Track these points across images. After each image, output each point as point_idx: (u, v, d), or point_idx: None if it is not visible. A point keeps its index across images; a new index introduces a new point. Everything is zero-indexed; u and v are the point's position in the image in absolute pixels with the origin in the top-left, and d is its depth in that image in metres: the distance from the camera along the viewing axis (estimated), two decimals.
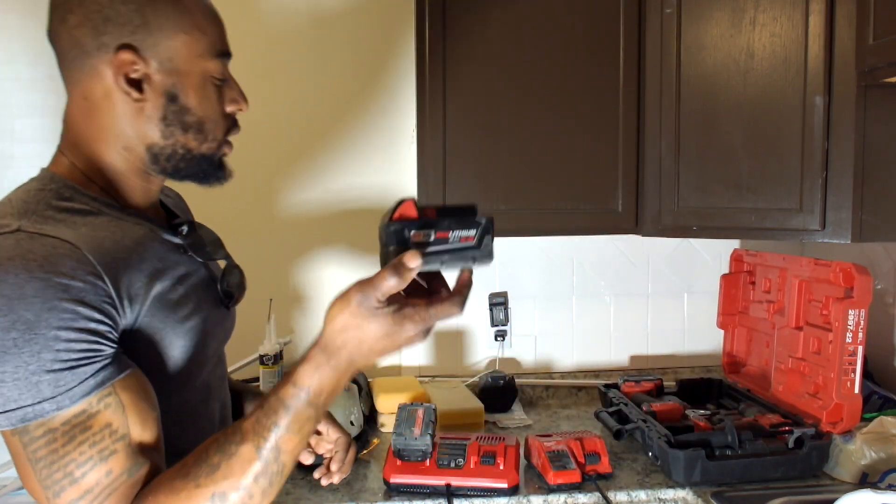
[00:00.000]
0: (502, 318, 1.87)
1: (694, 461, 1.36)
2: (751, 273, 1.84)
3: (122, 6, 0.78)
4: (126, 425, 0.72)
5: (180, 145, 0.84)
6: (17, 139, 1.85)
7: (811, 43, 1.46)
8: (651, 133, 1.65)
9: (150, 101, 0.81)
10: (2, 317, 0.67)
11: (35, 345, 0.67)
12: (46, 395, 0.68)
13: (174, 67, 0.81)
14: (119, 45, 0.78)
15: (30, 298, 0.67)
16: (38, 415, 0.68)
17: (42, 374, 0.68)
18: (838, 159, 1.44)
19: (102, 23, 0.78)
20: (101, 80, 0.80)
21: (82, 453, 0.69)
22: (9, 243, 0.70)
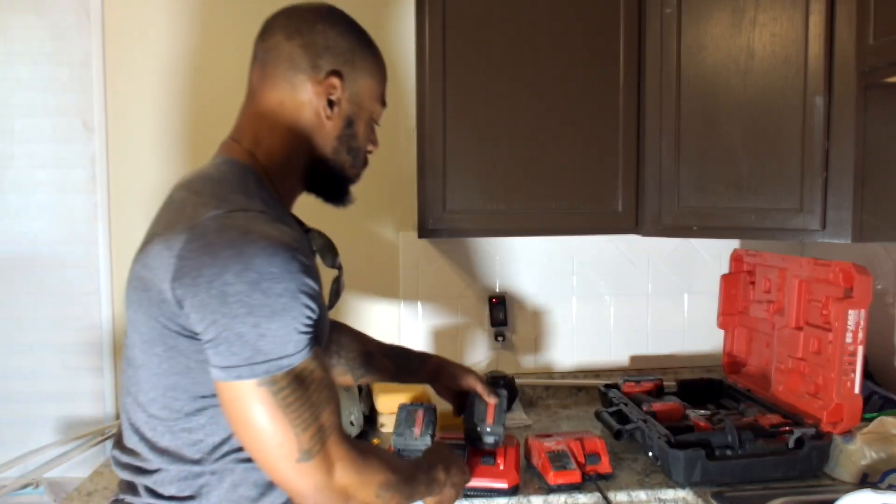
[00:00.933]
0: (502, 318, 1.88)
1: (694, 461, 1.36)
2: (751, 273, 1.84)
3: (341, 41, 0.99)
4: (329, 377, 0.89)
5: (339, 163, 1.03)
6: (17, 139, 1.86)
7: (811, 43, 1.46)
8: (651, 133, 1.65)
9: (333, 121, 1.00)
10: (276, 283, 0.81)
11: (294, 310, 0.83)
12: (289, 351, 0.83)
13: (358, 101, 1.02)
14: (331, 70, 0.98)
15: (294, 273, 0.83)
16: (279, 368, 0.82)
17: (293, 334, 0.83)
18: (838, 159, 1.44)
19: (323, 49, 0.98)
20: (302, 93, 0.98)
21: (317, 397, 0.86)
22: (263, 222, 0.85)
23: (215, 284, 0.80)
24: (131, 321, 0.92)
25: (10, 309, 1.87)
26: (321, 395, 0.86)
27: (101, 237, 1.88)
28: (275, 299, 0.81)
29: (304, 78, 0.97)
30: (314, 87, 0.97)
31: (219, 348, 0.82)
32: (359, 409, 1.62)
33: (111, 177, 1.88)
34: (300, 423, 0.84)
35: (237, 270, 0.80)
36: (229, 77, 1.89)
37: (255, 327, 0.81)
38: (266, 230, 0.84)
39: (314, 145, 1.00)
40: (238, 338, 0.81)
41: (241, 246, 0.81)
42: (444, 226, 1.65)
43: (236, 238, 0.82)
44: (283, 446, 0.83)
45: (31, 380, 1.88)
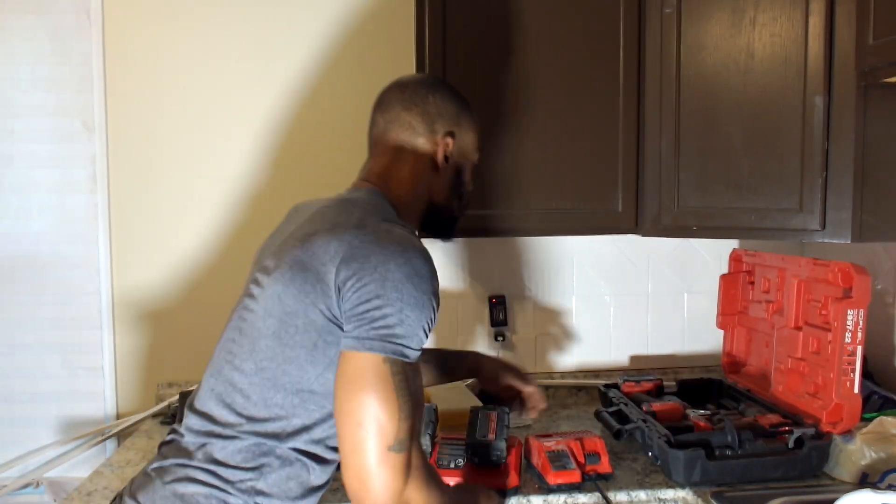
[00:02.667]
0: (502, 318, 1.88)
1: (694, 461, 1.36)
2: (750, 273, 1.84)
3: (450, 107, 1.21)
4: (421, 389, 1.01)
5: (450, 206, 1.24)
6: (17, 139, 1.86)
7: (811, 43, 1.46)
8: (651, 133, 1.65)
9: (447, 173, 1.21)
10: (425, 282, 0.97)
11: (427, 309, 0.97)
12: (414, 345, 0.96)
13: (464, 153, 1.24)
14: (448, 132, 1.20)
15: (433, 279, 1.00)
16: (404, 354, 0.95)
17: (420, 330, 0.97)
18: (838, 159, 1.44)
19: (436, 116, 1.19)
20: (421, 148, 1.19)
21: (417, 397, 0.96)
22: (415, 237, 1.04)
23: (379, 269, 0.95)
24: (277, 294, 1.01)
25: (10, 309, 1.88)
26: (417, 398, 0.96)
27: (101, 237, 1.89)
28: (420, 294, 0.95)
29: (424, 141, 1.18)
30: (433, 146, 1.18)
31: (362, 320, 0.94)
32: None
33: (111, 177, 1.88)
34: (406, 409, 0.93)
35: (399, 262, 0.96)
36: (229, 77, 1.89)
37: (400, 312, 0.94)
38: (419, 244, 1.02)
39: (432, 193, 1.20)
40: (384, 317, 0.93)
41: (403, 245, 0.98)
42: None
43: (400, 240, 0.99)
44: (386, 426, 0.91)
45: (31, 380, 1.88)
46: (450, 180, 1.21)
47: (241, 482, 0.99)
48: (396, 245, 0.98)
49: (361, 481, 0.91)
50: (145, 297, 1.90)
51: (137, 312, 1.91)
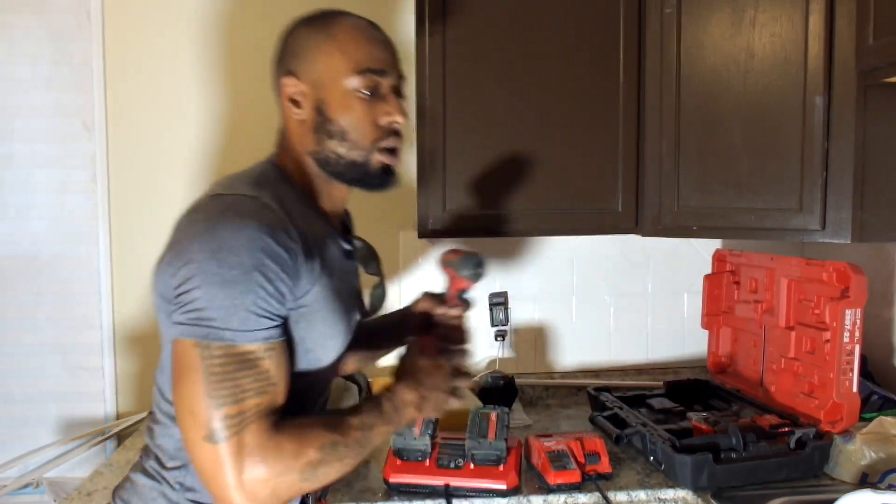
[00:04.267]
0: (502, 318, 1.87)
1: (701, 466, 1.35)
2: (734, 273, 1.84)
3: (295, 40, 1.02)
4: (277, 378, 0.88)
5: (330, 151, 1.01)
6: (17, 139, 1.86)
7: (811, 43, 1.46)
8: (651, 133, 1.65)
9: (306, 115, 1.01)
10: (233, 255, 0.85)
11: (245, 285, 0.85)
12: (233, 326, 0.85)
13: (321, 85, 1.00)
14: (284, 72, 1.02)
15: (256, 251, 0.86)
16: (219, 338, 0.84)
17: (240, 309, 0.85)
18: (838, 159, 1.44)
19: (281, 56, 1.03)
20: (280, 100, 1.04)
21: (248, 382, 0.85)
22: (250, 205, 0.90)
23: (185, 250, 0.87)
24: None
25: (11, 309, 1.88)
26: (254, 384, 0.85)
27: (101, 237, 1.89)
28: (226, 270, 0.84)
29: (277, 87, 1.04)
30: (281, 92, 1.03)
31: (177, 305, 0.87)
32: None
33: (111, 177, 1.88)
34: (218, 398, 0.83)
35: (204, 239, 0.86)
36: (229, 76, 1.89)
37: (206, 292, 0.84)
38: (246, 209, 0.88)
39: (305, 142, 1.02)
40: (192, 300, 0.85)
41: (214, 220, 0.87)
42: (444, 226, 1.65)
43: (213, 214, 0.88)
44: (195, 417, 0.84)
45: (31, 380, 1.88)
46: (313, 123, 1.01)
47: (174, 478, 0.97)
48: (206, 221, 0.88)
49: (201, 477, 0.86)
50: (145, 296, 1.90)
51: (137, 313, 1.91)
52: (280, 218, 0.90)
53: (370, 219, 1.94)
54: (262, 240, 0.86)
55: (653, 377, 2.03)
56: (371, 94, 1.01)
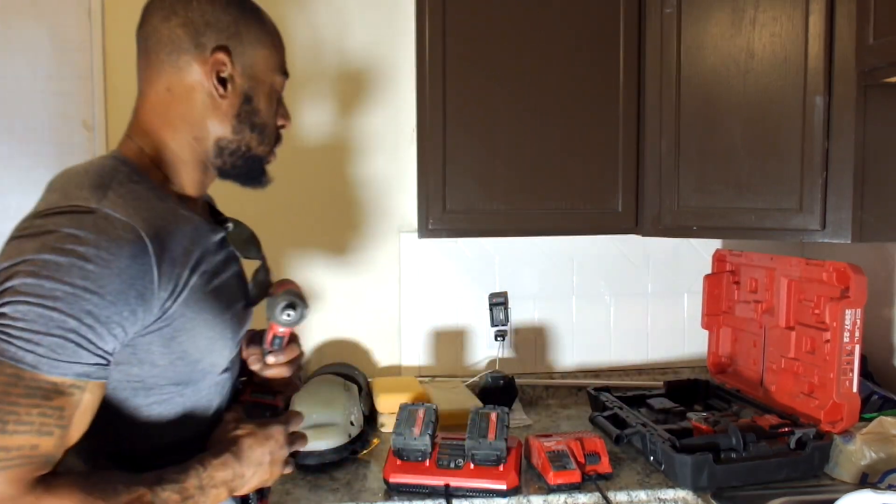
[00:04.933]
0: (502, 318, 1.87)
1: (702, 466, 1.35)
2: (734, 273, 1.84)
3: (222, 15, 0.91)
4: (71, 420, 0.76)
5: (245, 143, 0.95)
6: (17, 139, 1.85)
7: (811, 43, 1.46)
8: (651, 133, 1.65)
9: (229, 100, 0.93)
10: (61, 276, 0.74)
11: (70, 309, 0.74)
12: (39, 351, 0.73)
13: (253, 74, 0.94)
14: (216, 47, 0.90)
15: (88, 273, 0.75)
16: (14, 359, 0.73)
17: (52, 331, 0.74)
18: (838, 159, 1.44)
19: (204, 26, 0.90)
20: (190, 74, 0.91)
21: (28, 415, 0.73)
22: (88, 220, 0.78)
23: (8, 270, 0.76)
24: None
25: None
26: (40, 420, 0.73)
27: None
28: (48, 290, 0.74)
29: (189, 59, 0.90)
30: (201, 66, 0.90)
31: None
32: (359, 409, 1.62)
33: None
34: None
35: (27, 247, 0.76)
36: None
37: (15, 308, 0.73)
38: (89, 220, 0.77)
39: (213, 128, 0.93)
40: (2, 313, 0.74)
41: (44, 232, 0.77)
42: (444, 226, 1.65)
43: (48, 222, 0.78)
44: None
45: None
46: (236, 108, 0.93)
47: None
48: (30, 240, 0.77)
49: None
50: None
51: None
52: (124, 224, 0.79)
53: (370, 219, 1.95)
54: (100, 259, 0.76)
55: (653, 377, 2.03)
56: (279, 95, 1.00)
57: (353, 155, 1.93)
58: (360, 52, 1.91)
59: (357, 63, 1.91)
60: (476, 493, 1.36)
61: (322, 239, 1.94)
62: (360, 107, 1.92)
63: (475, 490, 1.36)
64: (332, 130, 1.92)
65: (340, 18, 1.90)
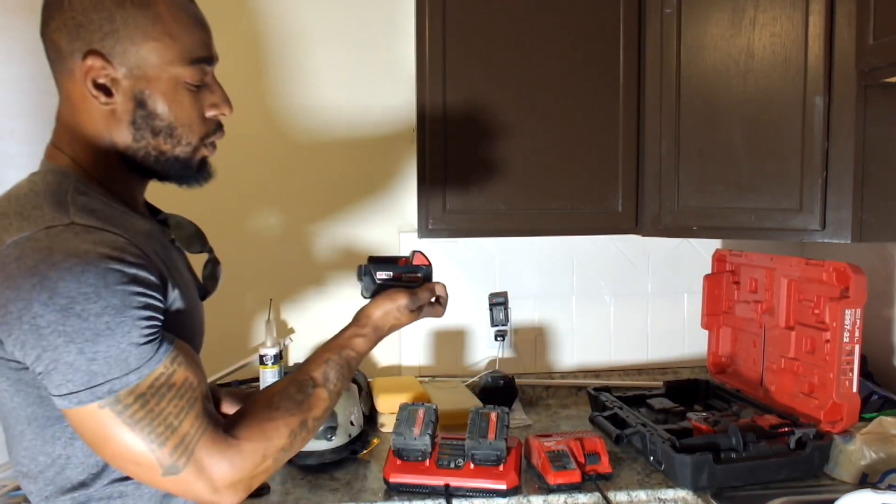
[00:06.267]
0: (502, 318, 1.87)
1: (702, 466, 1.35)
2: (734, 273, 1.84)
3: (94, 14, 0.81)
4: (196, 377, 0.83)
5: (152, 147, 0.88)
6: (16, 139, 1.85)
7: (811, 43, 1.46)
8: (651, 133, 1.65)
9: (119, 106, 0.85)
10: (93, 303, 0.73)
11: (124, 325, 0.75)
12: (133, 366, 0.76)
13: (143, 74, 0.84)
14: (87, 51, 0.82)
15: (113, 286, 0.75)
16: (124, 385, 0.76)
17: (132, 349, 0.76)
18: (838, 159, 1.44)
19: (76, 29, 0.82)
20: (76, 83, 0.84)
21: (175, 405, 0.79)
22: (71, 236, 0.76)
23: (25, 319, 0.73)
24: None
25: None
26: (181, 402, 0.79)
27: None
28: (94, 321, 0.73)
29: (71, 66, 0.83)
30: (80, 74, 0.82)
31: (52, 379, 0.75)
32: (359, 409, 1.62)
33: None
34: (155, 438, 0.77)
35: (43, 300, 0.72)
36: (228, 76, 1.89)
37: (81, 353, 0.74)
38: (73, 246, 0.74)
39: (115, 137, 0.86)
40: (68, 367, 0.74)
41: (43, 272, 0.73)
42: (444, 226, 1.65)
43: (38, 263, 0.73)
44: (143, 465, 0.78)
45: None
46: (130, 115, 0.85)
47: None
48: (33, 276, 0.73)
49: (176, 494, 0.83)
50: None
51: None
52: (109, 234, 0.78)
53: (370, 219, 1.95)
54: (111, 270, 0.75)
55: (653, 377, 2.03)
56: (198, 85, 0.89)
57: (354, 155, 1.93)
58: (361, 51, 1.91)
59: (357, 63, 1.91)
60: (476, 493, 1.36)
61: (322, 239, 1.94)
62: (360, 106, 1.92)
63: (475, 490, 1.36)
64: (332, 130, 1.91)
65: (341, 18, 1.90)
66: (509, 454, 1.39)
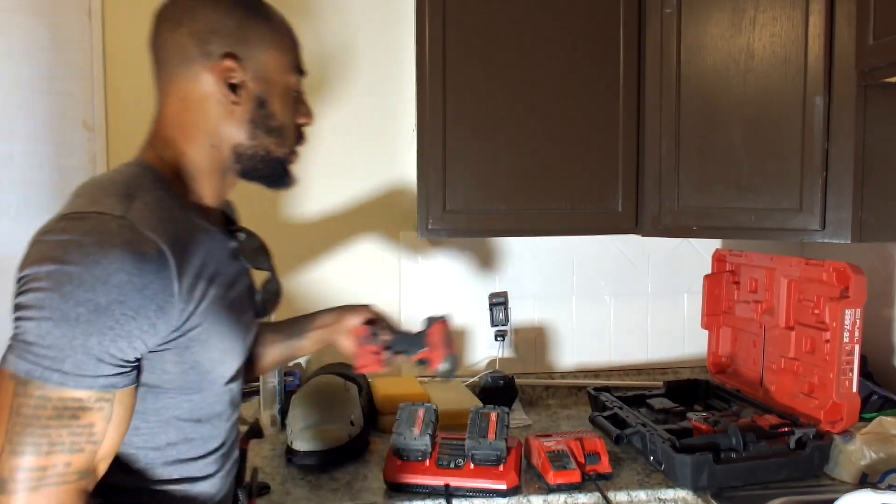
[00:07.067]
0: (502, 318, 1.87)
1: (702, 466, 1.35)
2: (734, 273, 1.84)
3: (227, 21, 0.91)
4: (103, 435, 0.77)
5: (262, 147, 0.95)
6: (16, 139, 1.85)
7: (811, 43, 1.46)
8: (651, 133, 1.65)
9: (242, 105, 0.92)
10: (83, 291, 0.73)
11: (91, 327, 0.74)
12: (65, 368, 0.73)
13: (265, 77, 0.94)
14: (224, 54, 0.90)
15: (111, 287, 0.74)
16: (41, 377, 0.73)
17: (77, 351, 0.74)
18: (838, 159, 1.44)
19: (209, 34, 0.90)
20: (201, 83, 0.91)
21: (59, 435, 0.74)
22: (113, 228, 0.77)
23: (28, 276, 0.75)
24: None
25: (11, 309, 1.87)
26: (71, 439, 0.74)
27: None
28: (71, 306, 0.73)
29: (199, 69, 0.91)
30: (211, 75, 0.91)
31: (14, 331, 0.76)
32: (359, 408, 1.62)
33: None
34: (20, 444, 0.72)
35: (49, 268, 0.74)
36: None
37: (39, 325, 0.73)
38: (107, 238, 0.76)
39: (230, 133, 0.93)
40: (25, 330, 0.74)
41: (68, 245, 0.75)
42: (444, 226, 1.65)
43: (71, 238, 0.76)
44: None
45: None
46: (249, 114, 0.93)
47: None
48: (55, 245, 0.76)
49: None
50: None
51: None
52: (148, 238, 0.78)
53: (370, 219, 1.95)
54: (124, 272, 0.75)
55: (653, 377, 2.03)
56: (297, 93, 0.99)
57: (354, 155, 1.93)
58: (361, 51, 1.91)
59: (357, 63, 1.91)
60: (476, 493, 1.36)
61: (322, 238, 1.94)
62: (361, 106, 1.92)
63: (475, 490, 1.36)
64: (332, 130, 1.91)
65: (341, 18, 1.90)
66: (509, 454, 1.39)
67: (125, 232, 0.77)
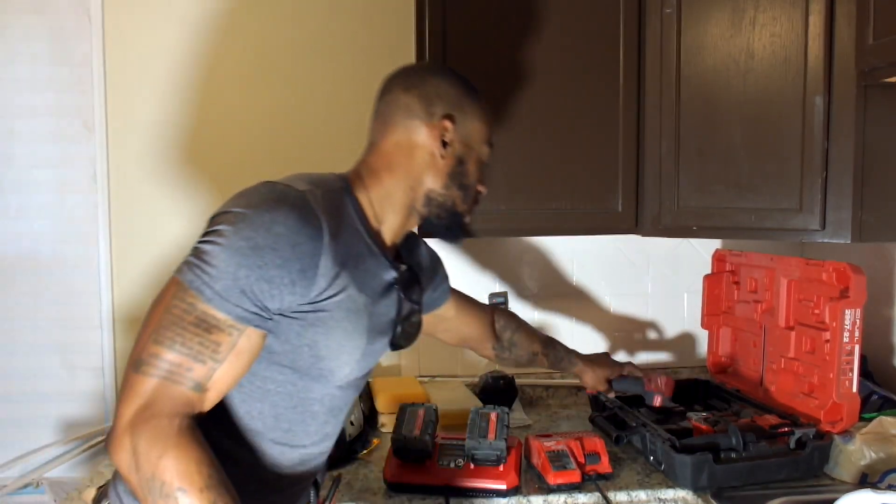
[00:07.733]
0: None
1: (702, 466, 1.35)
2: (734, 273, 1.84)
3: (451, 90, 1.10)
4: (224, 357, 0.87)
5: (451, 198, 1.10)
6: (17, 139, 1.86)
7: (811, 43, 1.46)
8: (651, 133, 1.65)
9: (446, 160, 1.09)
10: (250, 230, 0.87)
11: (246, 260, 0.86)
12: (216, 287, 0.86)
13: (469, 142, 1.11)
14: (445, 114, 1.08)
15: (274, 235, 0.87)
16: (197, 290, 0.85)
17: (229, 277, 0.86)
18: (838, 159, 1.44)
19: (435, 97, 1.09)
20: (418, 135, 1.08)
21: (191, 340, 0.85)
22: (294, 194, 0.92)
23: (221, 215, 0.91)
24: None
25: (10, 309, 1.88)
26: (199, 348, 0.85)
27: (101, 237, 1.89)
28: (237, 238, 0.87)
29: (419, 123, 1.08)
30: (429, 130, 1.07)
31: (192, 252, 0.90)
32: (358, 409, 1.62)
33: (111, 177, 1.88)
34: (161, 334, 0.84)
35: (237, 203, 0.90)
36: (229, 77, 1.89)
37: (213, 248, 0.87)
38: (286, 197, 0.91)
39: (427, 181, 1.08)
40: (202, 251, 0.88)
41: (254, 198, 0.91)
42: None
43: (257, 194, 0.92)
44: (140, 338, 0.86)
45: (31, 380, 1.88)
46: (450, 167, 1.09)
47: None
48: (249, 196, 0.92)
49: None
50: (145, 297, 1.90)
51: (137, 313, 1.91)
52: (315, 214, 0.91)
53: None
54: (284, 226, 0.88)
55: None
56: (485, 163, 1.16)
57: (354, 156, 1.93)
58: (361, 51, 1.91)
59: (357, 62, 1.91)
60: (476, 492, 1.36)
61: None
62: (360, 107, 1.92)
63: (475, 490, 1.36)
64: (332, 130, 1.91)
65: (341, 18, 1.90)
66: (509, 454, 1.39)
67: (298, 201, 0.91)
